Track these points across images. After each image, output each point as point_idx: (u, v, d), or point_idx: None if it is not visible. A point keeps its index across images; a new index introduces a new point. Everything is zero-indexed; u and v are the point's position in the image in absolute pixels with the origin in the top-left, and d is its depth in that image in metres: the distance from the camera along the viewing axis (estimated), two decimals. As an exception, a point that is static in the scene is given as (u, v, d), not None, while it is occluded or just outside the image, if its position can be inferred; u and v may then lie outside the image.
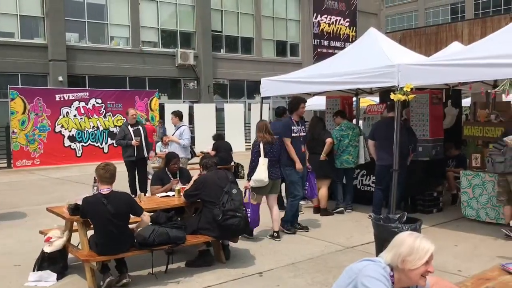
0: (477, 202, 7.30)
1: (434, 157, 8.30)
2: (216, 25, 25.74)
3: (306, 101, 7.30)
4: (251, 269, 5.41)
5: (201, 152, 10.90)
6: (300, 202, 9.04)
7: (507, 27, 6.85)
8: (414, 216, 6.89)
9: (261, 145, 6.44)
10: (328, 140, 7.83)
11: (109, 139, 17.52)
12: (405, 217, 5.04)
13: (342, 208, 8.19)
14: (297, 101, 7.14)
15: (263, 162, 6.35)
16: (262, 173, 6.30)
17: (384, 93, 8.90)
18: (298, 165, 6.82)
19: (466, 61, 6.30)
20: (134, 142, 8.99)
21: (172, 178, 6.47)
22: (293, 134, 6.94)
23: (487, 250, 5.95)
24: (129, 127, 9.22)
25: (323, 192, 8.07)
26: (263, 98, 9.36)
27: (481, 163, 7.42)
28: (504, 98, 9.16)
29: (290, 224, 7.01)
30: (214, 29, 25.45)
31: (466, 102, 12.28)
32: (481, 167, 7.39)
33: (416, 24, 46.82)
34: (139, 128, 9.29)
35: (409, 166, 7.67)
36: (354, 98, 11.02)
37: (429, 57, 7.99)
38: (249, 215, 5.98)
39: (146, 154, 9.36)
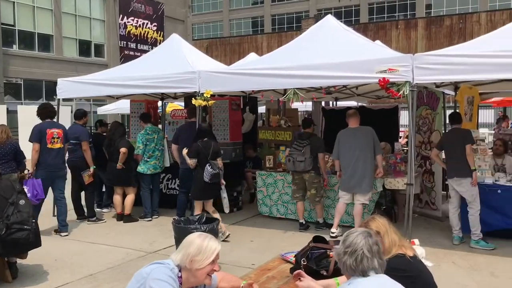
0: (270, 200, 8.01)
1: (234, 159, 8.82)
2: (7, 18, 23.05)
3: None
4: (43, 286, 4.96)
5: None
6: (103, 210, 8.73)
7: (291, 43, 7.68)
8: (216, 216, 7.25)
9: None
10: (122, 149, 7.70)
11: None
12: (204, 217, 5.25)
13: (149, 215, 8.10)
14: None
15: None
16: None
17: (188, 98, 9.13)
18: None
19: (258, 71, 6.87)
20: None
21: None
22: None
23: (278, 242, 6.55)
24: None
25: (128, 199, 7.92)
26: (61, 99, 8.69)
27: (274, 163, 8.18)
28: (290, 105, 10.26)
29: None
30: (4, 22, 22.75)
31: (262, 109, 13.39)
32: (273, 168, 8.14)
33: (222, 33, 49.33)
34: None
35: (211, 169, 8.00)
36: (160, 102, 11.05)
37: (228, 66, 8.47)
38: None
39: None
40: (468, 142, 6.23)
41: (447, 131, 7.67)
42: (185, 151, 6.73)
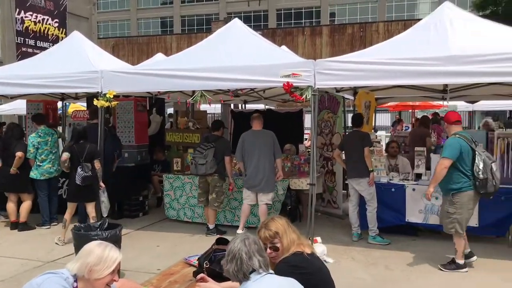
0: (178, 203, 7.89)
1: (139, 163, 8.59)
2: None
3: None
4: None
5: None
6: (-5, 218, 8.07)
7: (199, 45, 7.64)
8: (121, 221, 7.02)
9: None
10: (18, 154, 7.20)
11: None
12: (106, 223, 5.05)
13: (47, 223, 7.61)
14: None
15: None
16: None
17: (91, 99, 8.72)
18: None
19: (164, 71, 6.75)
20: None
21: None
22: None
23: (185, 246, 6.47)
24: None
25: (24, 205, 7.42)
26: None
27: (181, 166, 8.08)
28: (198, 107, 10.25)
29: None
30: None
31: (171, 110, 13.19)
32: (181, 171, 8.04)
33: (129, 32, 47.88)
34: None
35: (115, 172, 7.73)
36: (60, 103, 10.46)
37: (133, 66, 8.23)
38: None
39: None
40: (366, 144, 6.61)
41: (347, 133, 8.07)
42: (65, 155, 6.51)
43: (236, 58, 6.57)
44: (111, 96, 6.63)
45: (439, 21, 6.34)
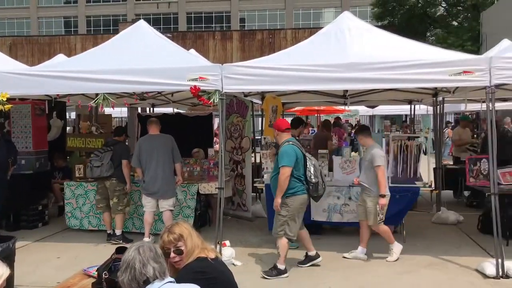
0: (81, 212, 7.51)
1: (38, 170, 8.07)
2: None
3: None
4: None
5: None
6: None
7: (102, 46, 7.34)
8: (17, 233, 6.55)
9: None
10: None
11: None
12: (-2, 236, 4.66)
13: None
14: None
15: None
16: None
17: (-19, 102, 8.03)
18: None
19: (64, 73, 6.40)
20: None
21: None
22: None
23: (88, 256, 6.16)
24: None
25: None
26: None
27: (84, 173, 7.69)
28: (100, 111, 9.80)
29: None
30: None
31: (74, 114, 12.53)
32: (84, 177, 7.66)
33: (29, 32, 44.87)
34: None
35: (11, 180, 7.17)
36: None
37: (30, 67, 7.70)
38: None
39: None
40: None
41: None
42: None
43: (141, 60, 6.40)
44: (4, 99, 6.14)
45: (339, 30, 6.68)
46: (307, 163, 5.44)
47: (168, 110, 12.04)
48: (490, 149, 5.47)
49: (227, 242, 6.09)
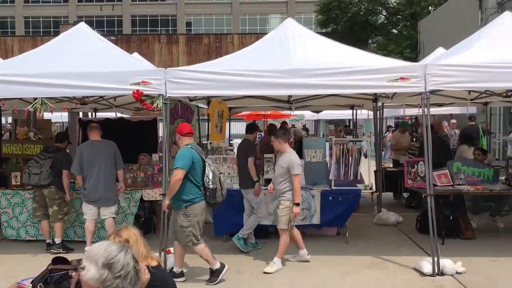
0: (18, 221, 7.17)
1: (-30, 178, 7.62)
2: None
3: None
4: None
5: None
6: None
7: (40, 48, 7.06)
8: None
9: None
10: None
11: None
12: None
13: None
14: None
15: None
16: None
17: None
18: None
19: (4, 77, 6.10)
20: None
21: None
22: None
23: (25, 268, 5.88)
24: None
25: None
26: None
27: (21, 181, 7.35)
28: (39, 116, 9.43)
29: None
30: None
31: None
32: (21, 186, 7.32)
33: (-40, 32, 42.45)
34: None
35: None
36: None
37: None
38: None
39: None
40: (250, 155, 6.70)
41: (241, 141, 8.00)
42: None
43: (82, 64, 6.21)
44: None
45: (283, 36, 6.79)
46: (206, 169, 5.37)
47: (111, 114, 11.73)
48: (426, 152, 5.73)
49: (172, 249, 6.00)
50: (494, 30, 6.54)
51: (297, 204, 5.80)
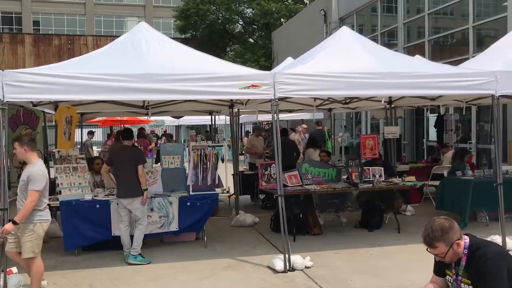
0: None
1: None
2: None
3: None
4: None
5: None
6: None
7: None
8: None
9: None
10: None
11: None
12: None
13: None
14: None
15: None
16: None
17: None
18: None
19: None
20: None
21: None
22: None
23: None
24: None
25: None
26: None
27: None
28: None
29: None
30: None
31: None
32: None
33: None
34: None
35: None
36: None
37: None
38: None
39: None
40: (140, 162, 6.39)
41: (117, 147, 7.39)
42: None
43: None
44: None
45: (136, 39, 6.64)
46: None
47: None
48: (276, 155, 6.05)
49: (14, 269, 5.44)
50: (334, 43, 7.18)
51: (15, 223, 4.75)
